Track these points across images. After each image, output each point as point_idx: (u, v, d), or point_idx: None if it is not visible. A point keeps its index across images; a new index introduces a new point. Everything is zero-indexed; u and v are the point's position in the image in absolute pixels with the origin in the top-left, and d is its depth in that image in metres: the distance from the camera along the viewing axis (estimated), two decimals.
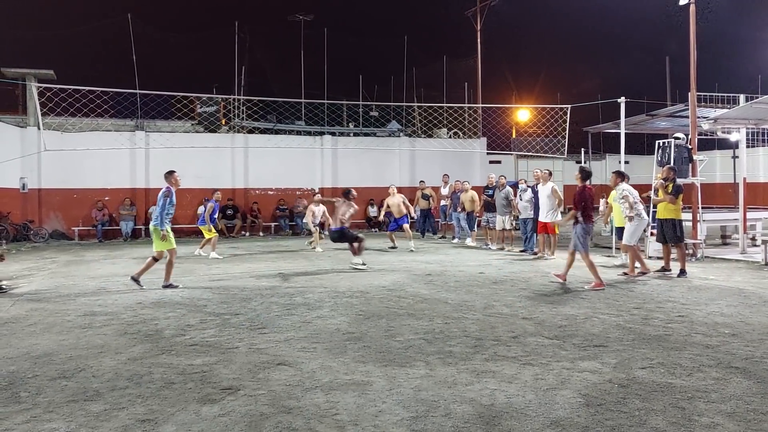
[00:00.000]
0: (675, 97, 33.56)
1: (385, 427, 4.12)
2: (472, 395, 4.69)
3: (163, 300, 8.91)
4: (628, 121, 15.42)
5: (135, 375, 5.29)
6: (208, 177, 21.96)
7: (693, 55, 14.28)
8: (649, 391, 4.76)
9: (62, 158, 19.38)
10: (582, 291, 9.30)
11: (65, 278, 11.39)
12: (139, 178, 21.78)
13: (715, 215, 15.64)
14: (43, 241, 19.40)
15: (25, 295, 9.55)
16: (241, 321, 7.41)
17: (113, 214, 21.17)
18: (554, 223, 13.56)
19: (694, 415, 4.27)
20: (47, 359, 5.81)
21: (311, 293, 9.32)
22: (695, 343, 6.16)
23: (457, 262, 13.27)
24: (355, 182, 21.75)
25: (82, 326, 7.23)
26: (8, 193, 19.52)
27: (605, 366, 5.40)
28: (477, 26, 29.23)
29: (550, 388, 4.83)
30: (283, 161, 22.96)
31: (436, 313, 7.71)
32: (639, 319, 7.28)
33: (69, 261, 14.39)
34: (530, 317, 7.44)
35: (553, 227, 13.72)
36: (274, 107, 23.74)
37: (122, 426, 4.18)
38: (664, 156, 14.10)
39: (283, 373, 5.29)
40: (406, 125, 26.73)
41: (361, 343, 6.26)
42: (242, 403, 4.58)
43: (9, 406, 4.60)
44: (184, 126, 23.90)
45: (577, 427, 4.08)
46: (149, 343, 6.41)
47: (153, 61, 28.23)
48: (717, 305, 8.09)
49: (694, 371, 5.23)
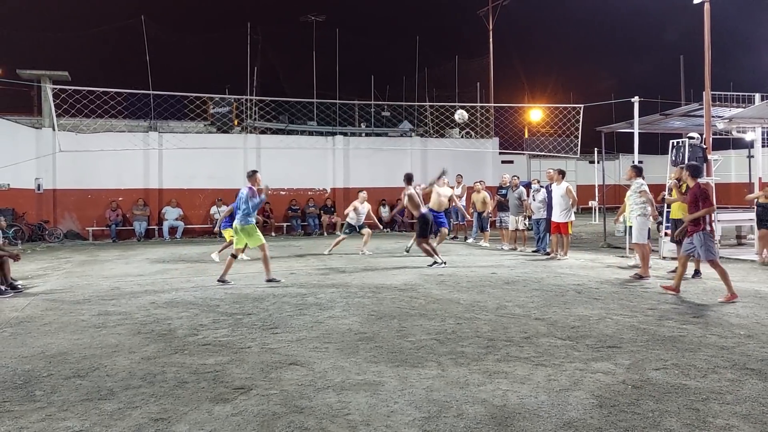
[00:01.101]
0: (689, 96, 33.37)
1: (397, 427, 4.11)
2: (485, 396, 4.68)
3: (176, 300, 8.95)
4: (641, 121, 15.32)
5: (148, 374, 5.32)
6: (220, 177, 22.08)
7: (707, 54, 14.17)
8: (663, 392, 4.73)
9: (77, 159, 19.55)
10: (596, 291, 9.24)
11: (80, 278, 11.47)
12: (153, 179, 21.91)
13: (730, 215, 15.53)
14: (57, 241, 19.55)
15: (40, 295, 9.63)
16: (254, 321, 7.44)
17: (127, 214, 21.31)
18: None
19: (709, 416, 4.23)
20: (62, 358, 5.86)
21: (323, 293, 9.34)
22: (710, 344, 6.11)
23: (468, 262, 13.24)
24: (367, 182, 21.78)
25: (96, 326, 7.28)
26: (24, 194, 19.70)
27: (619, 367, 5.37)
28: (489, 26, 29.17)
29: (563, 389, 4.81)
30: (295, 161, 23.03)
31: (448, 314, 7.70)
32: (653, 320, 7.23)
33: (83, 261, 14.49)
34: (543, 318, 7.42)
35: (566, 227, 13.62)
36: (286, 108, 23.81)
37: (136, 425, 4.20)
38: (679, 156, 14.01)
39: (295, 373, 5.30)
40: (417, 125, 26.71)
41: (373, 343, 6.26)
42: (254, 403, 4.59)
43: (24, 404, 4.64)
44: (197, 127, 24.02)
45: (590, 428, 4.05)
46: (162, 342, 6.45)
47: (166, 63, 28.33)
48: (732, 306, 8.02)
49: (709, 372, 5.19)
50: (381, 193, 23.05)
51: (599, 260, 13.32)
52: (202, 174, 22.17)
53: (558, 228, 13.69)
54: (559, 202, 13.54)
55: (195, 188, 22.26)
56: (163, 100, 21.12)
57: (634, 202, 11.06)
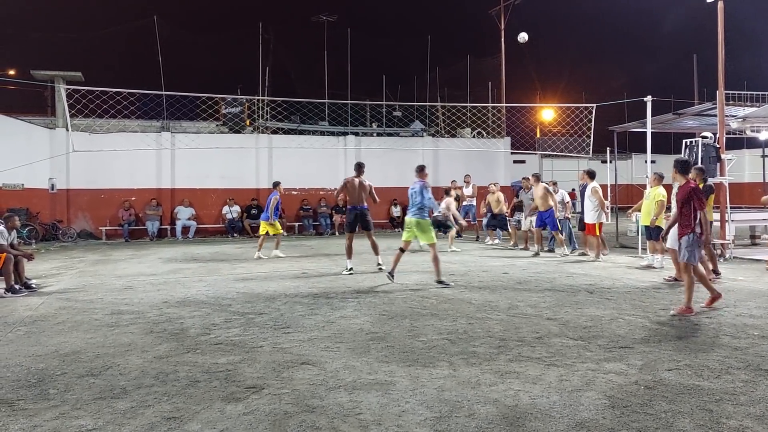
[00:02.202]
0: (702, 95, 33.18)
1: (408, 427, 4.11)
2: (496, 396, 4.67)
3: (188, 299, 8.99)
4: (654, 120, 15.23)
5: (161, 373, 5.34)
6: (232, 177, 22.18)
7: (721, 53, 14.06)
8: (675, 393, 4.70)
9: (90, 159, 19.66)
10: (608, 291, 9.20)
11: (93, 277, 11.54)
12: (165, 179, 22.02)
13: (743, 215, 15.40)
14: (71, 241, 19.69)
15: (53, 294, 9.70)
16: (265, 320, 7.46)
17: (140, 214, 21.43)
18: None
19: (722, 417, 4.21)
20: (75, 357, 5.90)
21: (335, 293, 9.35)
22: (723, 344, 6.07)
23: (480, 262, 13.22)
24: (379, 182, 21.61)
25: (109, 324, 7.33)
26: (37, 194, 19.84)
27: (631, 367, 5.34)
28: (501, 25, 29.08)
29: (575, 390, 4.79)
30: (306, 161, 23.05)
31: (460, 314, 7.69)
32: (665, 321, 7.19)
33: (96, 260, 14.59)
34: (555, 318, 7.39)
35: (592, 228, 13.54)
36: (297, 108, 23.86)
37: (148, 423, 4.23)
38: (692, 155, 13.92)
39: (306, 373, 5.31)
40: (429, 125, 26.69)
41: (384, 343, 6.27)
42: (266, 402, 4.61)
43: (38, 402, 4.67)
44: (209, 127, 24.14)
45: (602, 428, 4.04)
46: (175, 341, 6.48)
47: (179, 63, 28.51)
48: (746, 306, 7.97)
49: (722, 373, 5.16)
50: (392, 193, 23.05)
51: (611, 260, 13.25)
52: (214, 174, 22.25)
53: (588, 229, 13.66)
54: (587, 203, 13.51)
55: (207, 188, 22.34)
56: (176, 101, 21.20)
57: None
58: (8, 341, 6.60)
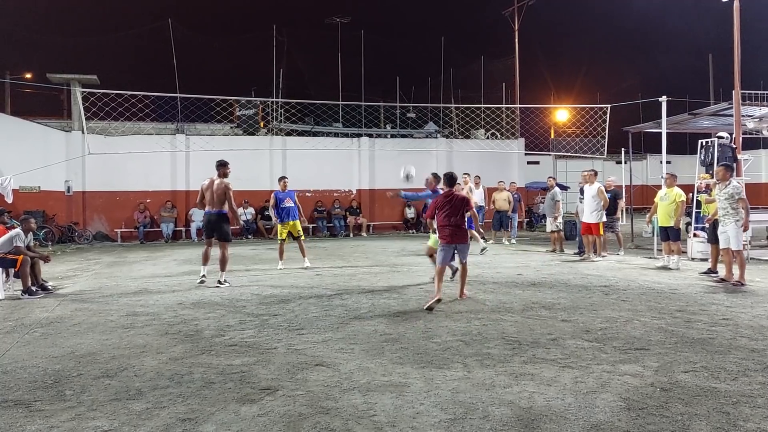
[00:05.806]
0: (718, 95, 32.91)
1: (422, 428, 4.10)
2: (511, 398, 4.65)
3: (202, 301, 9.03)
4: (669, 121, 15.12)
5: (176, 374, 5.37)
6: (246, 179, 22.24)
7: (737, 53, 13.95)
8: (692, 395, 4.66)
9: (105, 161, 19.80)
10: (623, 293, 9.14)
11: (108, 279, 11.62)
12: (180, 181, 22.16)
13: (761, 215, 15.24)
14: (86, 243, 19.86)
15: (69, 296, 9.77)
16: (280, 322, 7.47)
17: (155, 216, 21.57)
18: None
19: (739, 420, 4.16)
20: (91, 358, 5.94)
21: (349, 294, 9.35)
22: (740, 346, 6.01)
23: (494, 263, 13.17)
24: (393, 184, 21.68)
25: (125, 326, 7.37)
26: (54, 196, 20.04)
27: (647, 369, 5.30)
28: (515, 26, 29.03)
29: (590, 392, 4.76)
30: (320, 163, 23.12)
31: (474, 315, 7.67)
32: (682, 322, 7.13)
33: (112, 262, 14.69)
34: (569, 319, 7.35)
35: (597, 228, 13.47)
36: (311, 109, 23.93)
37: (164, 425, 4.25)
38: (708, 156, 13.81)
39: (321, 374, 5.31)
40: (443, 126, 26.66)
41: (398, 345, 6.26)
42: (280, 404, 4.61)
43: (54, 403, 4.71)
44: (224, 129, 24.27)
45: (617, 431, 4.01)
46: (189, 343, 6.50)
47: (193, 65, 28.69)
48: (763, 308, 7.89)
49: (739, 375, 5.10)
50: None
51: (627, 261, 13.18)
52: (229, 176, 22.31)
53: (589, 229, 13.55)
54: (590, 203, 13.42)
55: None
56: (190, 103, 21.40)
57: (730, 206, 10.15)
58: (25, 342, 6.66)
